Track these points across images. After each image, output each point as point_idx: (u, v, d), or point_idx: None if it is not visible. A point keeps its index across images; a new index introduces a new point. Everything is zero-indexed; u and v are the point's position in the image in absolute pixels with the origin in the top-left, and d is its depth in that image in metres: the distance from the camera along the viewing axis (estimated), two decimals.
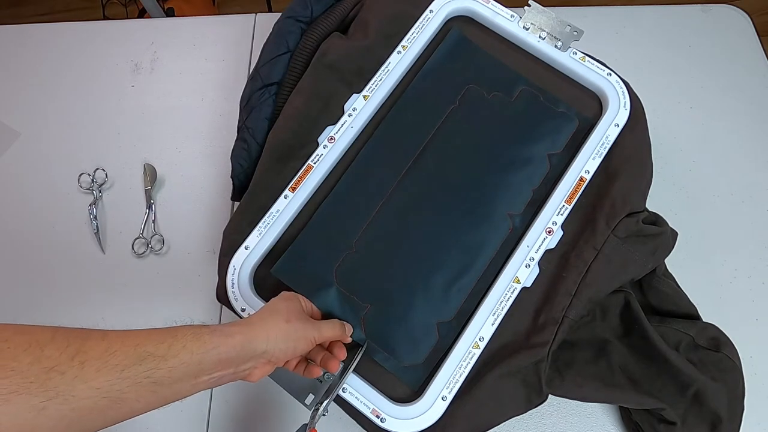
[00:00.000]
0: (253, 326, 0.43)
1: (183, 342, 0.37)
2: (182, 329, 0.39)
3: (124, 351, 0.35)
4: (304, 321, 0.46)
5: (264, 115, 0.62)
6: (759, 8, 1.42)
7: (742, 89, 0.75)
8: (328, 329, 0.48)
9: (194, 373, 0.38)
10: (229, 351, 0.40)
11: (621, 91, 0.60)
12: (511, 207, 0.57)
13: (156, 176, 0.72)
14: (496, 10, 0.63)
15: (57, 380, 0.31)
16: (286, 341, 0.44)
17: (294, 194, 0.57)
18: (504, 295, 0.54)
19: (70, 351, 0.33)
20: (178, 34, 0.81)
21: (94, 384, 0.33)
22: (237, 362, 0.41)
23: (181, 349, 0.37)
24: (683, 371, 0.54)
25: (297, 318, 0.46)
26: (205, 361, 0.38)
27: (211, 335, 0.39)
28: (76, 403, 0.32)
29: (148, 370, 0.35)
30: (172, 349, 0.37)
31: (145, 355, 0.35)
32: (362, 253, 0.56)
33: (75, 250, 0.69)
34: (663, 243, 0.57)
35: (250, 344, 0.41)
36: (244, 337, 0.41)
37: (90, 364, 0.33)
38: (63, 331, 0.34)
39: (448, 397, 0.51)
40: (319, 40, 0.64)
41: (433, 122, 0.60)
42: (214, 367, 0.39)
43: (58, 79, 0.78)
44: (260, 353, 0.42)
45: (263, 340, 0.42)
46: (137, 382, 0.35)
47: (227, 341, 0.40)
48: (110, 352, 0.34)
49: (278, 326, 0.44)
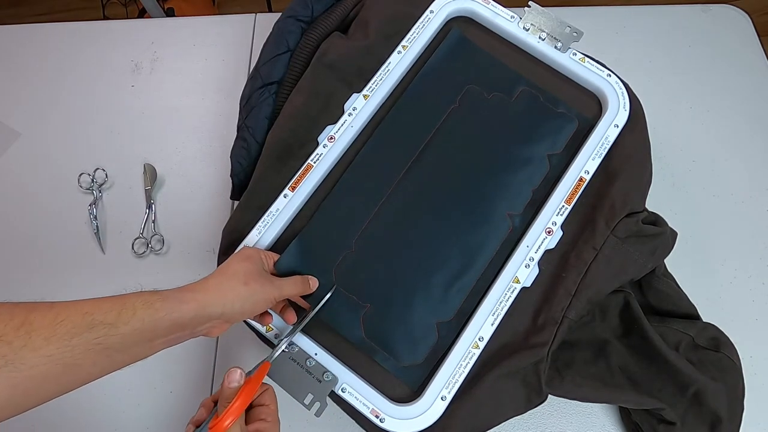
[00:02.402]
0: (208, 291, 0.43)
1: (132, 310, 0.38)
2: (131, 297, 0.39)
3: (71, 319, 0.36)
4: (264, 282, 0.46)
5: (264, 114, 0.62)
6: (759, 8, 1.42)
7: (742, 89, 0.75)
8: (289, 287, 0.49)
9: (148, 338, 0.39)
10: (182, 317, 0.40)
11: (620, 91, 0.60)
12: (511, 207, 0.57)
13: (156, 176, 0.72)
14: (497, 10, 0.63)
15: (5, 349, 0.33)
16: (243, 304, 0.44)
17: (294, 193, 0.57)
18: (504, 295, 0.54)
19: (15, 322, 0.34)
20: (178, 34, 0.81)
21: (44, 352, 0.34)
22: (192, 325, 0.41)
23: (132, 316, 0.38)
24: (683, 371, 0.54)
25: (255, 280, 0.46)
26: (159, 327, 0.39)
27: (163, 302, 0.40)
28: (28, 371, 0.33)
29: (99, 337, 0.36)
30: (122, 317, 0.37)
31: (94, 323, 0.36)
32: (362, 253, 0.56)
33: (75, 250, 0.69)
34: (663, 243, 0.57)
35: (205, 310, 0.42)
36: (198, 303, 0.41)
37: (38, 333, 0.34)
38: (7, 306, 0.35)
39: (448, 397, 0.51)
40: (319, 40, 0.64)
41: (433, 122, 0.60)
42: (168, 332, 0.40)
43: (58, 79, 0.79)
44: (216, 316, 0.42)
45: (219, 305, 0.43)
46: (89, 348, 0.36)
47: (180, 308, 0.40)
48: (58, 321, 0.35)
49: (235, 290, 0.44)
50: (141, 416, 0.62)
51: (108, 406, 0.62)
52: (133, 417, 0.62)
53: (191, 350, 0.64)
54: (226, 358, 0.64)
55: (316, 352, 0.52)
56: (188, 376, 0.63)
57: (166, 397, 0.62)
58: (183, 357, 0.64)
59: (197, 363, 0.64)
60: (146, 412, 0.62)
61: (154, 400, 0.62)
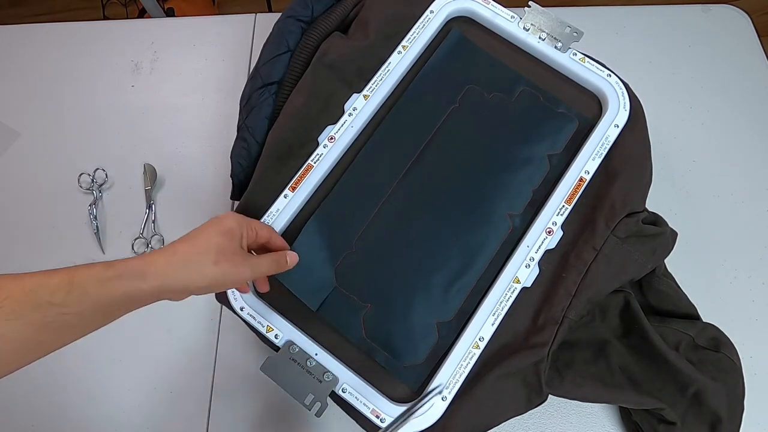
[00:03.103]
0: (173, 268, 0.39)
1: (83, 288, 0.36)
2: (81, 272, 0.36)
3: (16, 297, 0.34)
4: (236, 262, 0.42)
5: (264, 114, 0.62)
6: (759, 8, 1.42)
7: (742, 89, 0.75)
8: (263, 266, 0.46)
9: (104, 314, 0.37)
10: (141, 293, 0.38)
11: (621, 92, 0.60)
12: (511, 207, 0.57)
13: (156, 176, 0.72)
14: (497, 10, 0.63)
15: None
16: (210, 283, 0.41)
17: (294, 194, 0.57)
18: (504, 295, 0.54)
19: None
20: (178, 34, 0.81)
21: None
22: (152, 298, 0.39)
23: (83, 295, 0.35)
24: (683, 371, 0.54)
25: (227, 259, 0.42)
26: (114, 304, 0.37)
27: (117, 280, 0.37)
28: None
29: (47, 316, 0.34)
30: (71, 296, 0.35)
31: (40, 301, 0.34)
32: (362, 253, 0.56)
33: (75, 250, 0.69)
34: (663, 243, 0.57)
35: (166, 286, 0.39)
36: (160, 281, 0.38)
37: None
38: None
39: (448, 397, 0.51)
40: (319, 40, 0.64)
41: (433, 122, 0.60)
42: (125, 307, 0.38)
43: (58, 79, 0.78)
44: (178, 291, 0.40)
45: (182, 282, 0.40)
46: (37, 326, 0.34)
47: (140, 285, 0.37)
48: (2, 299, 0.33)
49: (202, 270, 0.40)
50: (141, 416, 0.62)
51: (108, 406, 0.63)
52: (133, 417, 0.62)
53: (191, 350, 0.64)
54: (226, 358, 0.64)
55: (316, 353, 0.52)
56: (188, 376, 0.63)
57: (166, 397, 0.62)
58: (183, 357, 0.64)
59: (197, 363, 0.64)
60: (146, 412, 0.62)
61: (154, 400, 0.62)
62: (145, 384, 0.63)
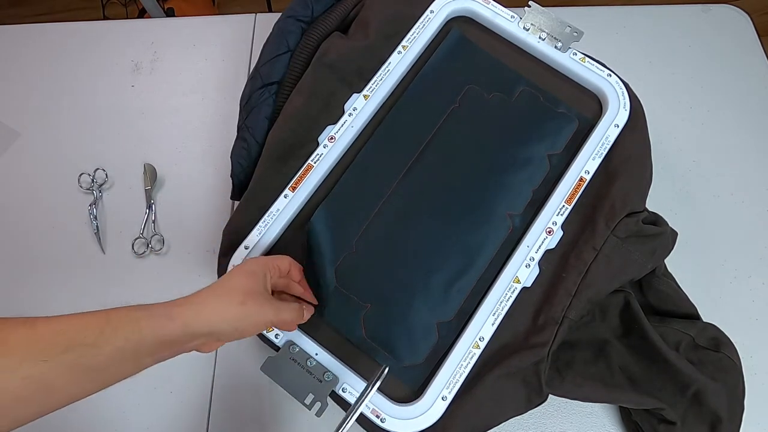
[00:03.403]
0: (199, 306, 0.40)
1: (115, 329, 0.36)
2: (115, 313, 0.37)
3: (47, 339, 0.33)
4: (262, 304, 0.43)
5: (264, 114, 0.62)
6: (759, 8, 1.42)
7: (742, 89, 0.75)
8: (286, 313, 0.46)
9: (132, 358, 0.37)
10: (168, 335, 0.38)
11: (621, 91, 0.60)
12: (511, 207, 0.57)
13: (156, 176, 0.72)
14: (497, 10, 0.63)
15: None
16: (236, 326, 0.41)
17: (294, 194, 0.57)
18: (504, 295, 0.54)
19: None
20: (178, 34, 0.81)
21: (20, 373, 0.32)
22: (180, 343, 0.39)
23: (113, 335, 0.35)
24: (683, 371, 0.54)
25: (254, 300, 0.43)
26: (143, 345, 0.37)
27: (149, 320, 0.37)
28: (2, 393, 0.31)
29: (78, 358, 0.34)
30: (103, 336, 0.35)
31: (71, 343, 0.34)
32: (362, 253, 0.56)
33: (75, 250, 0.69)
34: (663, 243, 0.57)
35: (193, 328, 0.39)
36: (185, 321, 0.39)
37: (13, 353, 0.32)
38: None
39: (448, 397, 0.51)
40: (319, 40, 0.64)
41: (433, 122, 0.60)
42: (154, 350, 0.38)
43: (58, 79, 0.78)
44: (204, 335, 0.40)
45: (207, 324, 0.40)
46: (68, 369, 0.34)
47: (167, 325, 0.38)
48: (33, 341, 0.33)
49: (229, 310, 0.41)
50: (141, 416, 0.62)
51: (108, 406, 0.62)
52: (133, 417, 0.62)
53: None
54: (226, 358, 0.64)
55: (316, 352, 0.52)
56: (188, 376, 0.63)
57: (166, 397, 0.62)
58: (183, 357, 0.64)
59: (197, 363, 0.64)
60: (146, 412, 0.62)
61: (154, 400, 0.62)
62: (145, 384, 0.63)
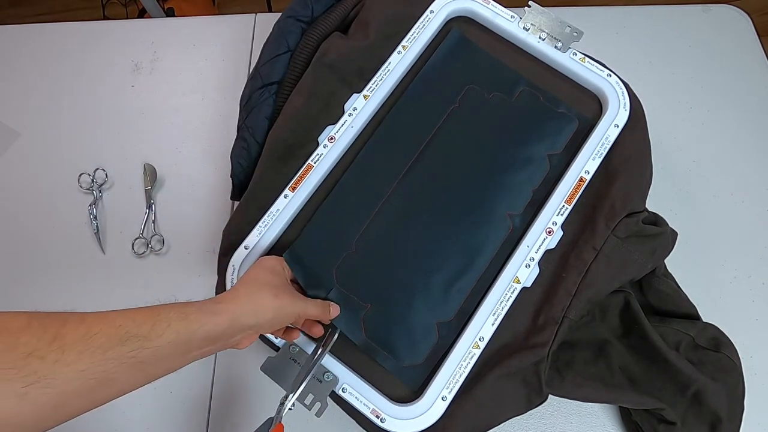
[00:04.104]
0: (239, 302, 0.43)
1: (167, 322, 0.37)
2: (165, 309, 0.38)
3: (105, 332, 0.34)
4: (292, 297, 0.47)
5: (264, 114, 0.62)
6: (759, 8, 1.42)
7: (742, 89, 0.75)
8: (313, 308, 0.49)
9: (182, 351, 0.38)
10: (216, 328, 0.40)
11: (621, 91, 0.60)
12: (511, 207, 0.57)
13: (156, 176, 0.72)
14: (497, 10, 0.63)
15: (36, 365, 0.31)
16: (274, 317, 0.44)
17: (294, 194, 0.57)
18: (504, 295, 0.54)
19: (48, 336, 0.32)
20: (178, 34, 0.81)
21: (78, 367, 0.33)
22: (225, 337, 0.41)
23: (166, 329, 0.37)
24: (683, 371, 0.54)
25: (284, 292, 0.46)
26: (193, 339, 0.38)
27: (197, 314, 0.39)
28: (60, 387, 0.32)
29: (133, 350, 0.35)
30: (155, 329, 0.36)
31: (127, 336, 0.35)
32: (362, 253, 0.56)
33: (75, 250, 0.69)
34: (663, 243, 0.57)
35: (238, 321, 0.42)
36: (231, 314, 0.41)
37: (71, 348, 0.33)
38: (39, 317, 0.33)
39: (448, 397, 0.51)
40: (319, 40, 0.64)
41: (433, 122, 0.60)
42: (202, 344, 0.40)
43: (58, 79, 0.78)
44: (248, 327, 0.43)
45: (251, 316, 0.43)
46: (123, 362, 0.35)
47: (213, 320, 0.40)
48: (91, 335, 0.34)
49: (266, 303, 0.44)
50: (141, 416, 0.62)
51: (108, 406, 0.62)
52: (133, 417, 0.62)
53: None
54: (226, 359, 0.64)
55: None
56: (188, 376, 0.63)
57: (166, 397, 0.62)
58: None
59: (197, 363, 0.63)
60: (146, 412, 0.62)
61: (154, 400, 0.62)
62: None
